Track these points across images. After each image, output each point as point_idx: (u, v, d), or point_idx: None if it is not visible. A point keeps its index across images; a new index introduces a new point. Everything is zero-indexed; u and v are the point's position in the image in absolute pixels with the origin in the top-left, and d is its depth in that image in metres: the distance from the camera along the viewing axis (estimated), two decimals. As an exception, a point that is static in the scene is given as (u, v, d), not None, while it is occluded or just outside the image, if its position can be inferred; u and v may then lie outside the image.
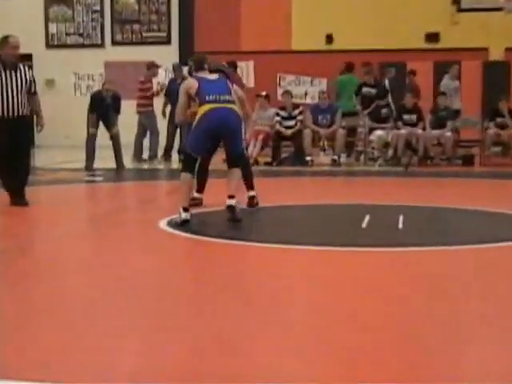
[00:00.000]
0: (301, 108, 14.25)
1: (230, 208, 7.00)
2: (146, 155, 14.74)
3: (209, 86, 7.14)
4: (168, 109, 14.87)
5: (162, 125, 14.84)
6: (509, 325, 3.86)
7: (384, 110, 14.27)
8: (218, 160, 8.43)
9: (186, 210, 6.89)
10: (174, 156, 14.66)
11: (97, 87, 16.35)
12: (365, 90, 14.93)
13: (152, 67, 15.25)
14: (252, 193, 7.95)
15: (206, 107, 7.04)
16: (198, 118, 7.06)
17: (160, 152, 14.87)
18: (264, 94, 14.46)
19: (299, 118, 13.97)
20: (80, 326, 3.82)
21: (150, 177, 12.81)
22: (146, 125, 14.74)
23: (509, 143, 13.98)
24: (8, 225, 7.45)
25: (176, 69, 15.24)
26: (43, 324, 3.88)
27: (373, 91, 14.68)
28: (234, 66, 14.55)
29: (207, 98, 7.10)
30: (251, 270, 5.41)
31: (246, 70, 17.00)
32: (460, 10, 15.08)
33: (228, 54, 17.19)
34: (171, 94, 14.83)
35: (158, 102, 15.01)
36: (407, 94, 14.21)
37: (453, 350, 3.47)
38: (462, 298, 4.47)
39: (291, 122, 13.90)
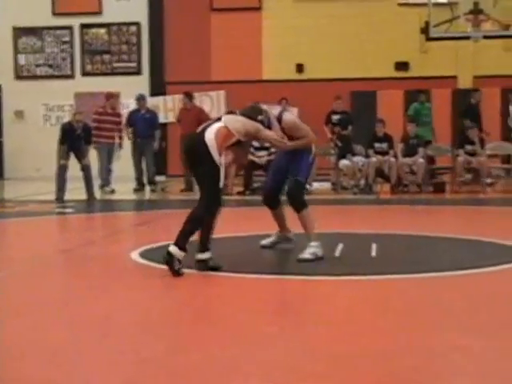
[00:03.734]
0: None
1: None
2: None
3: None
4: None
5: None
6: (490, 356, 3.82)
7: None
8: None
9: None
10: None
11: (67, 118, 16.26)
12: (334, 118, 15.11)
13: (111, 97, 15.26)
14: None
15: None
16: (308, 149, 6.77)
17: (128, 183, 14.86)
18: None
19: (273, 150, 13.93)
20: (50, 364, 3.74)
21: (121, 208, 12.71)
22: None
23: (479, 170, 14.08)
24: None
25: (140, 100, 15.23)
26: (12, 363, 3.79)
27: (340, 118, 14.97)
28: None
29: None
30: (226, 301, 5.32)
31: (217, 100, 17.02)
32: (429, 39, 15.20)
33: (199, 84, 17.24)
34: (135, 124, 14.87)
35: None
36: (377, 122, 14.32)
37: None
38: (440, 327, 4.43)
39: (262, 153, 13.86)
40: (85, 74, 19.41)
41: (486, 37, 14.58)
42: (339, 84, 17.20)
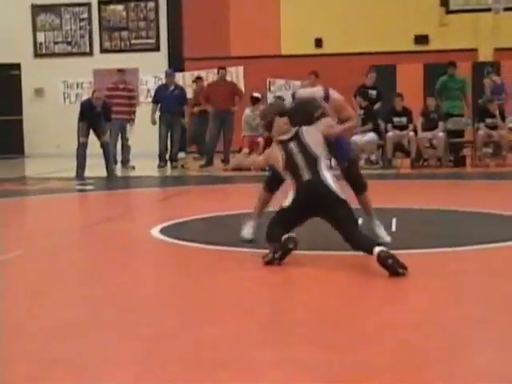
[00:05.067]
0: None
1: None
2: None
3: None
4: (157, 115, 14.88)
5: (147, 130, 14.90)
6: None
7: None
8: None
9: None
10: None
11: (86, 95, 16.29)
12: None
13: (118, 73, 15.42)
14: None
15: None
16: None
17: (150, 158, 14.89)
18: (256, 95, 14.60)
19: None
20: (73, 335, 3.77)
21: (141, 185, 12.74)
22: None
23: (500, 143, 13.98)
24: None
25: (168, 75, 15.19)
26: (37, 333, 3.82)
27: (373, 93, 14.63)
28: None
29: None
30: (249, 277, 5.34)
31: (236, 75, 16.97)
32: (449, 12, 15.09)
33: (217, 59, 17.19)
34: (162, 100, 14.81)
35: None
36: (396, 97, 14.22)
37: (455, 358, 3.43)
38: (462, 301, 4.43)
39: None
40: (103, 50, 19.42)
41: (506, 9, 14.43)
42: (358, 58, 17.09)
